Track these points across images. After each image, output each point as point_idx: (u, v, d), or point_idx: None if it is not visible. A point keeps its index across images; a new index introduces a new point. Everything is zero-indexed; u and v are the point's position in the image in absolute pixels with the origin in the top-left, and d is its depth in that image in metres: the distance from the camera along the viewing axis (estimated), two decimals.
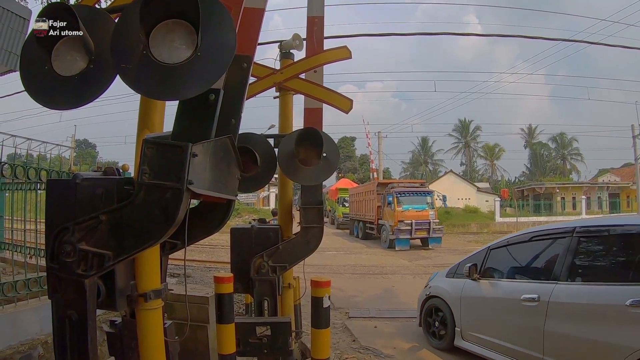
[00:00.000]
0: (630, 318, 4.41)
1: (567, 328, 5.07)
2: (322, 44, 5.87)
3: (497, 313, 6.32)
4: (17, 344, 5.46)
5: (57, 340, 2.60)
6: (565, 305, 5.16)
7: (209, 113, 2.56)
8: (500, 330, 6.20)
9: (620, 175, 59.98)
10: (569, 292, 5.22)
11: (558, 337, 5.17)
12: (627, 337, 4.38)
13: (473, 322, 6.79)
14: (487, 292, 6.53)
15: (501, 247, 6.80)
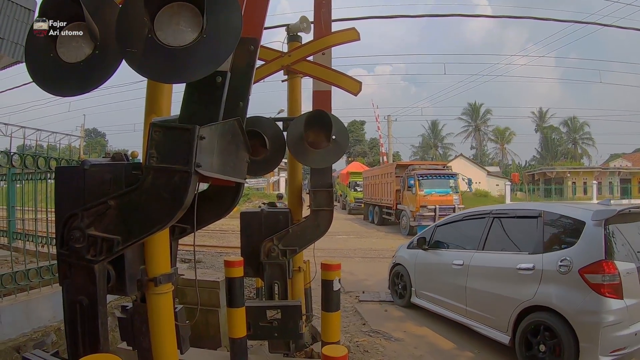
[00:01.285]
0: (518, 278, 6.23)
1: (480, 285, 6.97)
2: (329, 26, 5.83)
3: (438, 275, 8.27)
4: (31, 331, 5.53)
5: (68, 325, 2.62)
6: (480, 268, 7.07)
7: (216, 95, 2.55)
8: (439, 289, 8.16)
9: (631, 160, 59.59)
10: (482, 258, 7.13)
11: (475, 291, 7.07)
12: (516, 292, 6.20)
13: (423, 283, 8.74)
14: (432, 260, 8.50)
15: (444, 225, 8.86)
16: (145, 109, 3.21)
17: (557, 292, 5.70)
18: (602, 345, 5.22)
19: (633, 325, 5.37)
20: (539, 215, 6.53)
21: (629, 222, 6.13)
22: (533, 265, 6.07)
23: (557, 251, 5.98)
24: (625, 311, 5.32)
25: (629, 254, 5.71)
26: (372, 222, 31.82)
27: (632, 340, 5.38)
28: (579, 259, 5.61)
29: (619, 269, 5.39)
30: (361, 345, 6.99)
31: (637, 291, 5.47)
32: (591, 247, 5.62)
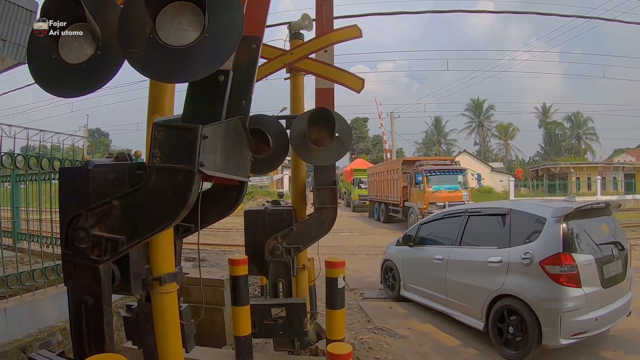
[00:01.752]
0: (489, 270, 6.87)
1: (458, 277, 7.64)
2: (331, 23, 5.82)
3: (422, 269, 8.86)
4: (36, 331, 5.54)
5: (74, 325, 2.63)
6: (457, 262, 7.74)
7: (218, 94, 2.55)
8: (424, 282, 8.78)
9: (635, 155, 59.41)
10: (459, 253, 7.82)
11: (453, 283, 7.74)
12: (487, 282, 6.83)
13: (410, 277, 9.34)
14: (416, 255, 9.12)
15: (427, 223, 9.46)
16: (148, 109, 3.22)
17: (522, 282, 6.36)
18: (563, 329, 5.85)
19: (593, 311, 5.99)
20: (507, 213, 7.18)
21: (590, 218, 6.77)
22: (501, 258, 6.74)
23: (521, 245, 6.59)
24: (584, 299, 5.92)
25: (588, 247, 6.31)
26: (377, 220, 31.17)
27: (592, 325, 6.00)
28: (539, 252, 6.24)
29: (576, 261, 5.99)
30: (366, 342, 6.99)
31: (596, 280, 6.09)
32: (551, 241, 6.23)
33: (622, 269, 6.56)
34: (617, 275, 6.43)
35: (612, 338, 6.96)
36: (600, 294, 6.12)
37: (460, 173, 24.21)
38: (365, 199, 36.54)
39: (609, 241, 6.61)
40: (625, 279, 6.67)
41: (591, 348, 6.59)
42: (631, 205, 41.15)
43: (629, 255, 6.79)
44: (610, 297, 6.30)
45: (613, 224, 7.02)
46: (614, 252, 6.44)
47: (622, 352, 6.46)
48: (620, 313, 6.52)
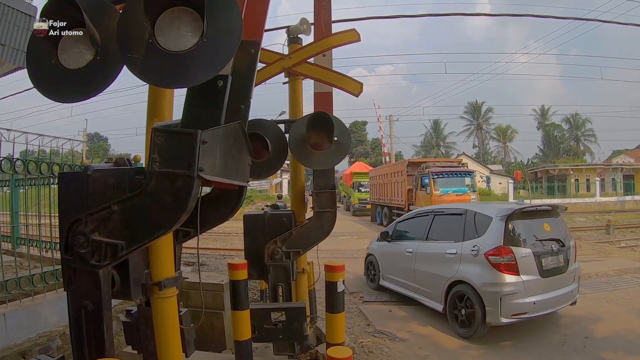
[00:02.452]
0: (447, 261, 8.10)
1: (424, 267, 8.85)
2: (330, 27, 5.84)
3: (397, 261, 9.99)
4: (36, 336, 5.54)
5: (74, 330, 2.64)
6: (423, 254, 8.96)
7: (217, 99, 2.56)
8: (398, 272, 9.90)
9: (634, 156, 59.39)
10: (425, 246, 9.05)
11: (420, 272, 8.94)
12: (445, 271, 8.03)
13: (387, 268, 10.51)
14: (392, 249, 10.29)
15: (402, 221, 10.77)
16: (147, 114, 3.22)
17: (471, 270, 7.51)
18: (503, 309, 6.88)
19: (531, 296, 7.01)
20: (463, 213, 8.46)
21: (533, 218, 7.95)
22: (456, 250, 7.98)
23: (472, 240, 7.79)
24: (522, 285, 6.97)
25: (527, 242, 7.44)
26: (380, 224, 29.62)
27: (531, 308, 7.00)
28: (485, 245, 7.40)
29: (515, 253, 7.10)
30: (366, 346, 6.99)
31: (534, 270, 7.13)
32: (494, 236, 7.40)
33: (564, 262, 7.57)
34: (558, 267, 7.45)
35: (613, 339, 7.01)
36: (539, 282, 7.14)
37: (468, 175, 23.56)
38: (366, 202, 35.99)
39: (550, 238, 7.65)
40: (568, 272, 7.62)
41: (592, 349, 6.62)
42: (630, 206, 41.21)
43: (571, 251, 7.81)
44: (549, 285, 7.28)
45: (558, 224, 8.15)
46: (554, 247, 7.52)
47: (623, 352, 6.49)
48: (562, 301, 7.56)
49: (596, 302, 9.23)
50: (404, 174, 25.31)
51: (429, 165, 23.90)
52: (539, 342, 7.06)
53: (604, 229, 22.41)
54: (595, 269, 12.69)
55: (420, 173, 23.23)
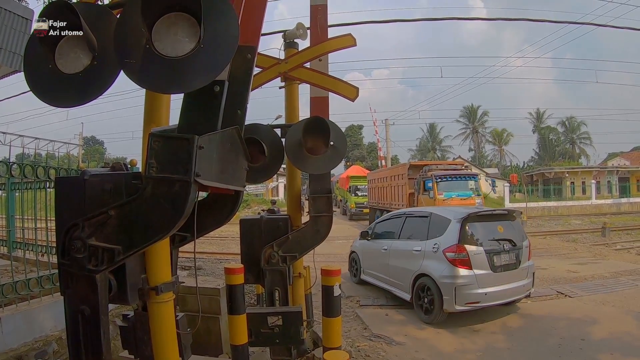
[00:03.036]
0: (413, 256, 9.33)
1: (396, 262, 10.12)
2: (326, 32, 5.86)
3: (374, 257, 11.30)
4: (32, 340, 5.53)
5: (71, 335, 2.63)
6: (396, 250, 10.28)
7: (214, 105, 2.57)
8: (375, 267, 11.20)
9: (629, 159, 59.69)
10: (397, 244, 10.37)
11: (393, 266, 10.22)
12: (412, 265, 9.25)
13: (367, 264, 11.80)
14: (372, 247, 11.54)
15: (380, 222, 12.10)
16: (144, 119, 3.22)
17: (431, 264, 8.75)
18: (458, 298, 8.11)
19: (483, 288, 8.19)
20: (428, 215, 9.76)
21: (487, 221, 9.13)
22: (421, 248, 9.23)
23: (433, 239, 9.05)
24: (474, 278, 8.15)
25: (480, 241, 8.56)
26: None
27: (483, 298, 8.22)
28: (443, 243, 8.65)
29: (467, 250, 8.29)
30: (362, 350, 7.00)
31: (485, 266, 8.28)
32: (451, 236, 8.61)
33: (515, 260, 8.69)
34: (509, 264, 8.58)
35: (609, 341, 7.05)
36: (490, 276, 8.29)
37: (472, 178, 22.64)
38: (363, 206, 35.12)
39: (502, 238, 8.77)
40: (520, 268, 8.74)
41: (588, 352, 6.67)
42: (626, 209, 41.40)
43: (524, 250, 8.93)
44: (500, 279, 8.42)
45: (513, 226, 9.27)
46: (506, 247, 8.66)
47: (619, 354, 6.54)
48: (515, 293, 8.76)
49: (592, 304, 9.28)
50: (405, 178, 24.40)
51: (431, 168, 22.99)
52: (535, 344, 7.10)
53: (599, 232, 22.49)
54: (591, 271, 12.78)
55: (423, 176, 22.38)
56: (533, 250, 13.57)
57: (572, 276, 12.36)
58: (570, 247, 18.10)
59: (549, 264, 14.30)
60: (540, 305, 9.54)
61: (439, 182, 21.12)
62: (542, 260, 15.04)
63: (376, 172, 35.03)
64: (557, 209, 41.49)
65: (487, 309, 8.80)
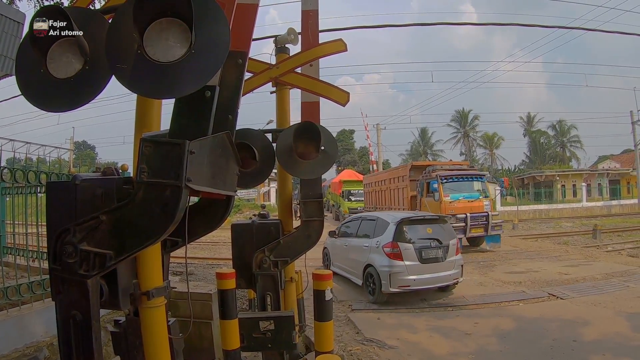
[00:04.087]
0: (364, 251, 11.78)
1: (353, 255, 12.51)
2: (317, 37, 5.87)
3: (339, 252, 13.82)
4: (23, 346, 5.48)
5: (62, 340, 2.62)
6: (353, 246, 12.61)
7: (205, 110, 2.57)
8: (340, 259, 13.81)
9: (620, 161, 60.01)
10: (354, 241, 12.70)
11: (351, 259, 12.62)
12: (363, 258, 11.63)
13: (334, 257, 14.34)
14: (337, 243, 14.09)
15: (345, 223, 14.64)
16: (136, 124, 3.22)
17: (375, 257, 11.18)
18: (392, 283, 10.39)
19: (412, 275, 10.44)
20: (376, 219, 12.41)
21: (419, 224, 11.60)
22: (368, 244, 11.75)
23: (377, 237, 11.49)
24: (404, 267, 10.45)
25: (410, 239, 10.91)
26: None
27: (412, 283, 10.47)
28: (383, 241, 11.10)
29: (400, 246, 10.64)
30: (355, 353, 7.01)
31: (414, 258, 10.57)
32: (388, 235, 11.04)
33: (442, 255, 10.87)
34: (435, 257, 10.78)
35: (601, 342, 7.09)
36: (418, 266, 10.55)
37: (479, 179, 20.69)
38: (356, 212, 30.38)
39: (430, 238, 11.05)
40: (446, 261, 10.89)
41: (580, 352, 6.71)
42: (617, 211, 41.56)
43: (451, 247, 11.08)
44: (427, 269, 10.62)
45: (443, 228, 11.59)
46: (432, 244, 10.92)
47: (611, 355, 6.58)
48: (440, 281, 10.85)
49: (584, 305, 9.33)
50: (407, 179, 23.06)
51: (435, 168, 21.04)
52: (528, 346, 7.13)
53: (590, 234, 22.61)
54: (582, 273, 12.85)
55: (426, 177, 20.68)
56: (525, 253, 15.61)
57: (563, 278, 12.42)
58: (562, 250, 18.11)
59: (541, 267, 14.38)
60: (533, 308, 9.59)
61: (444, 183, 19.41)
62: (534, 263, 15.15)
63: (373, 175, 33.49)
64: (548, 211, 41.60)
65: (481, 313, 9.16)
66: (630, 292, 10.28)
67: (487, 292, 11.38)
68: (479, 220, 18.68)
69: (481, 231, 18.81)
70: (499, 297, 10.77)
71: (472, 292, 11.31)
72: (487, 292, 11.38)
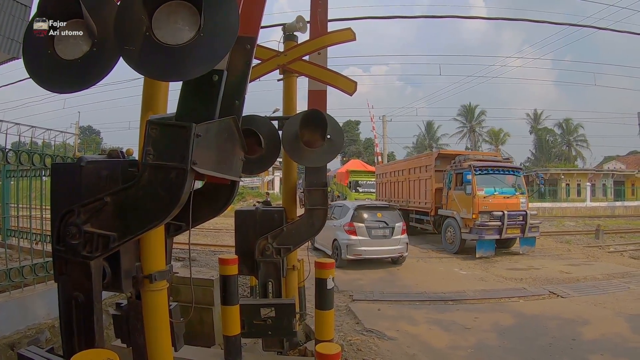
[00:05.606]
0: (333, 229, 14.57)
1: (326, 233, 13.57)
2: (325, 26, 5.86)
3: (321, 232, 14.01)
4: (25, 328, 5.51)
5: (64, 321, 2.64)
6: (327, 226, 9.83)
7: (212, 94, 2.57)
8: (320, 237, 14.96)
9: (625, 162, 59.68)
10: (329, 222, 11.43)
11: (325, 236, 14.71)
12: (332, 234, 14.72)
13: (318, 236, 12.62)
14: None
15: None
16: (142, 107, 3.21)
17: (339, 233, 14.30)
18: (348, 252, 13.76)
19: (363, 247, 13.75)
20: (342, 205, 15.81)
21: (371, 209, 14.86)
22: (336, 224, 14.58)
23: (341, 218, 14.68)
24: (358, 241, 13.76)
25: (364, 220, 14.20)
26: None
27: (363, 252, 13.80)
28: (344, 221, 14.31)
29: (355, 225, 13.91)
30: (354, 344, 7.01)
31: (365, 235, 13.88)
32: (348, 217, 14.35)
33: (388, 233, 14.19)
34: (383, 235, 14.16)
35: (600, 341, 7.09)
36: (368, 241, 13.90)
37: (516, 173, 17.97)
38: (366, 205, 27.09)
39: (379, 220, 14.36)
40: (392, 239, 14.17)
41: (579, 351, 6.71)
42: (620, 212, 41.42)
43: (396, 228, 14.26)
44: (375, 244, 13.96)
45: (391, 213, 14.94)
46: (380, 225, 14.22)
47: (609, 355, 6.58)
48: (386, 253, 14.31)
49: (584, 305, 9.31)
50: (431, 170, 19.70)
51: (468, 157, 17.95)
52: (526, 343, 7.12)
53: (593, 234, 22.49)
54: (584, 273, 12.81)
55: (456, 168, 17.80)
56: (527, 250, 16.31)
57: (564, 277, 12.41)
58: (564, 248, 17.92)
59: (542, 264, 14.38)
60: (533, 305, 9.59)
61: (479, 175, 16.64)
62: (535, 260, 15.14)
63: (389, 165, 29.91)
64: (551, 210, 41.42)
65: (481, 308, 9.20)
66: (630, 294, 10.26)
67: (487, 287, 11.34)
68: (516, 219, 16.24)
69: (517, 232, 16.44)
70: (500, 292, 10.72)
71: (473, 287, 11.27)
72: (487, 287, 11.34)
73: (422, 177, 20.81)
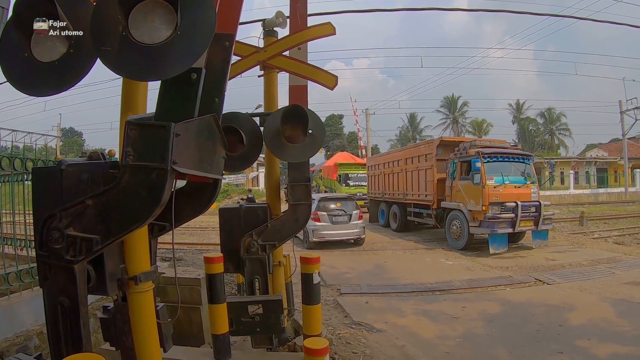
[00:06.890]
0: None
1: None
2: (305, 20, 5.83)
3: None
4: (13, 336, 5.46)
5: (50, 326, 2.62)
6: None
7: (191, 92, 2.56)
8: None
9: (607, 150, 60.33)
10: None
11: None
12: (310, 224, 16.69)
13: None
14: None
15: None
16: (121, 107, 3.19)
17: None
18: (314, 235, 16.63)
19: (325, 231, 16.63)
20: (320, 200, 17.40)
21: (332, 200, 17.58)
22: None
23: None
24: (321, 227, 16.59)
25: (326, 209, 16.84)
26: (385, 226, 23.11)
27: (327, 235, 16.67)
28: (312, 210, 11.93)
29: (318, 214, 16.45)
30: (343, 337, 7.03)
31: (327, 221, 16.67)
32: (314, 206, 15.06)
33: (347, 220, 16.84)
34: (342, 222, 16.76)
35: (586, 327, 7.17)
36: (330, 226, 16.60)
37: (526, 160, 16.09)
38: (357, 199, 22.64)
39: (339, 208, 16.92)
40: (350, 224, 16.83)
41: (566, 337, 6.77)
42: (604, 199, 41.87)
43: (354, 215, 16.96)
44: (335, 228, 16.64)
45: (349, 203, 17.54)
46: (339, 213, 16.80)
47: (596, 340, 6.64)
48: (345, 235, 16.95)
49: (570, 291, 9.42)
50: (432, 159, 17.94)
51: (474, 144, 16.37)
52: (514, 330, 7.19)
53: (577, 221, 22.73)
54: (569, 259, 12.93)
55: (461, 155, 16.06)
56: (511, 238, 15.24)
57: (550, 264, 12.54)
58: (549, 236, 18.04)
59: (528, 252, 14.56)
60: (519, 292, 9.67)
61: (488, 163, 14.88)
62: (521, 249, 15.24)
63: (381, 156, 28.17)
64: None
65: (469, 297, 9.28)
66: (615, 279, 10.38)
67: (474, 276, 11.41)
68: (530, 211, 14.69)
69: (530, 225, 14.92)
70: (486, 281, 10.81)
71: (460, 277, 11.34)
72: (474, 276, 11.41)
73: (422, 167, 18.96)
